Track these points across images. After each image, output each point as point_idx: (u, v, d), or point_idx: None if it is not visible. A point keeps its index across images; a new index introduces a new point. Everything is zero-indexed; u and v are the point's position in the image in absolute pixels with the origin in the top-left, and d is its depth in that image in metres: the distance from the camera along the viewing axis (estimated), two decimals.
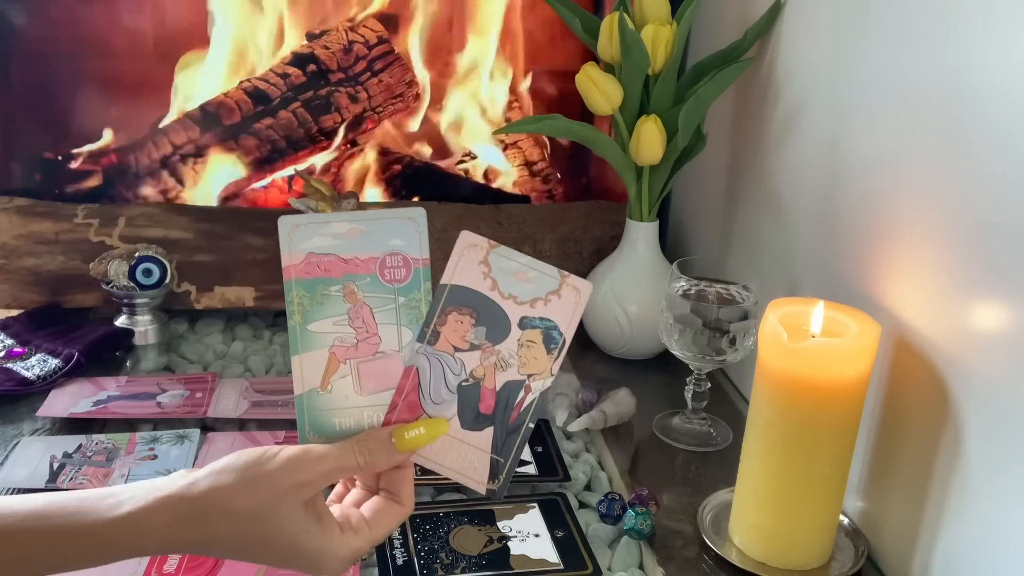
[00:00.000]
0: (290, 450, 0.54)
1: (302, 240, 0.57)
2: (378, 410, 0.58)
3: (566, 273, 0.58)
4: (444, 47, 1.19)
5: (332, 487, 0.61)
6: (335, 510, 0.56)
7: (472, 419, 0.58)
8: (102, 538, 0.50)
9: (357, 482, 0.60)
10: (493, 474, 0.58)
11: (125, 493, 0.52)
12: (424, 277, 0.58)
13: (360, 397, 0.58)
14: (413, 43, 1.18)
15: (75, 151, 1.15)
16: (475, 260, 0.58)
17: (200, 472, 0.53)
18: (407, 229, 0.58)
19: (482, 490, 0.59)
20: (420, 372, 0.58)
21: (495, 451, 0.58)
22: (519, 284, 0.58)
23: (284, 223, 0.57)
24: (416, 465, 0.59)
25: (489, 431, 0.58)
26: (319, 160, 1.20)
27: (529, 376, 0.58)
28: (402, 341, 0.58)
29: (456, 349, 0.58)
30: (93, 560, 0.51)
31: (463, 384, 0.58)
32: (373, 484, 0.59)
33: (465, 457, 0.58)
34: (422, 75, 1.19)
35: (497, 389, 0.58)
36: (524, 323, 0.58)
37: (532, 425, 0.58)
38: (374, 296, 0.58)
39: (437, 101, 1.20)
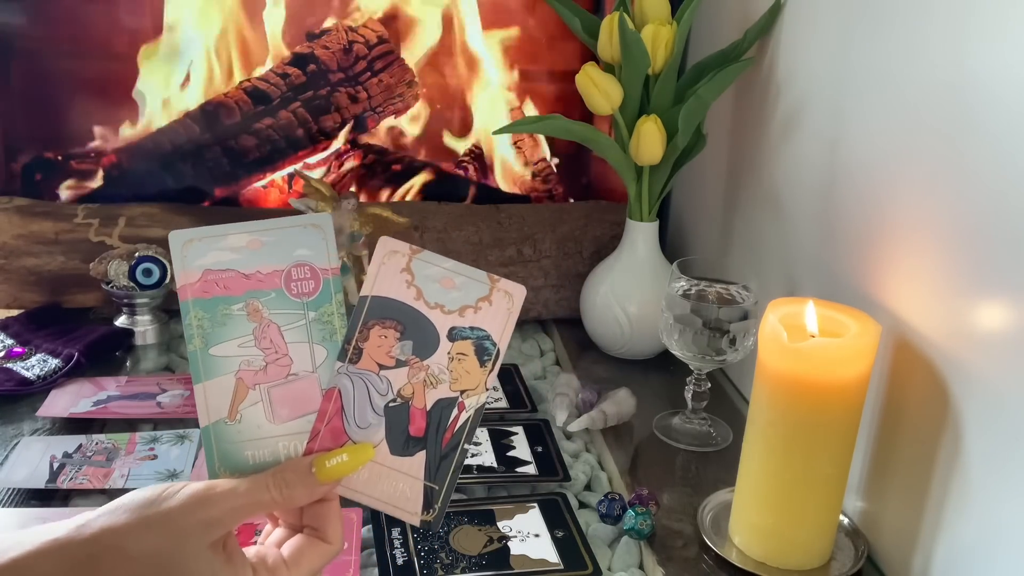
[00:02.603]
0: (194, 486, 0.49)
1: (197, 256, 0.52)
2: (295, 439, 0.53)
3: (496, 277, 0.54)
4: (445, 47, 1.19)
5: (260, 527, 0.57)
6: (250, 551, 0.51)
7: (402, 443, 0.53)
8: None
9: (280, 520, 0.55)
10: (427, 503, 0.54)
11: (13, 539, 0.47)
12: (335, 288, 0.54)
13: (273, 426, 0.53)
14: (413, 43, 1.18)
15: (75, 151, 1.15)
16: (397, 268, 0.53)
17: (94, 512, 0.48)
18: (313, 237, 0.53)
19: (416, 522, 0.54)
20: (343, 394, 0.53)
21: (428, 478, 0.54)
22: (446, 292, 0.53)
23: (175, 239, 0.52)
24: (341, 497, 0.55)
25: (421, 456, 0.53)
26: (319, 160, 1.20)
27: (462, 392, 0.54)
28: (316, 360, 0.53)
29: (381, 367, 0.53)
30: None
31: (390, 405, 0.53)
32: (297, 521, 0.54)
33: (395, 486, 0.53)
34: (422, 75, 1.19)
35: (428, 409, 0.54)
36: (454, 334, 0.53)
37: (468, 447, 0.54)
38: (281, 313, 0.53)
39: (437, 101, 1.20)
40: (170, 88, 1.15)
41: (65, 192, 1.15)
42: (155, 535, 0.47)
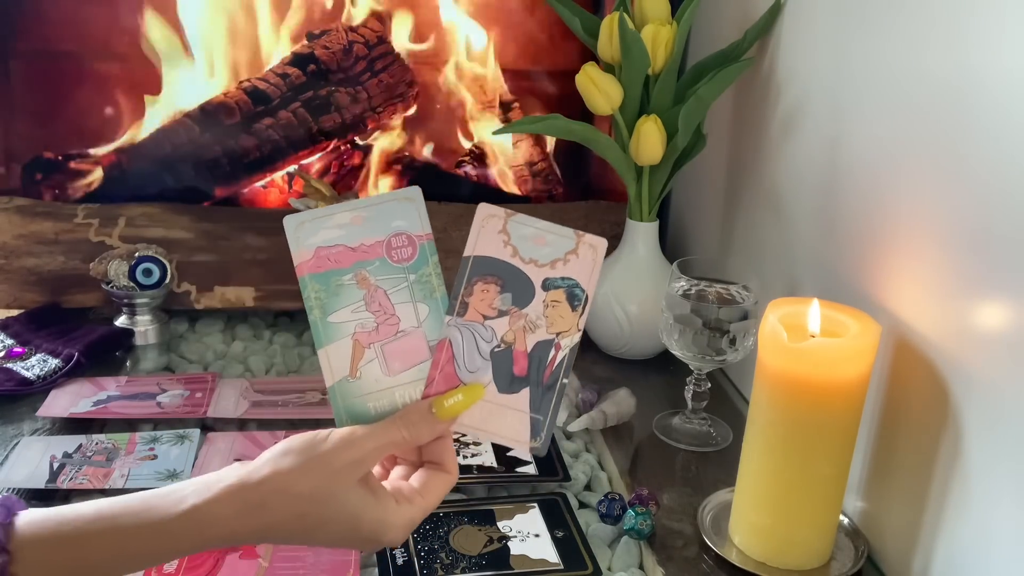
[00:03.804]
0: (340, 432, 0.55)
1: (309, 236, 0.58)
2: (408, 387, 0.59)
3: (581, 232, 0.60)
4: (444, 46, 1.19)
5: None
6: (387, 483, 0.58)
7: (508, 383, 0.60)
8: (168, 534, 0.52)
9: (399, 459, 0.61)
10: (534, 432, 0.60)
11: (188, 488, 0.53)
12: (430, 252, 0.59)
13: (389, 378, 0.59)
14: (413, 43, 1.18)
15: (75, 151, 1.15)
16: (494, 230, 0.60)
17: (257, 461, 0.54)
18: (406, 209, 0.59)
19: (526, 449, 0.60)
20: (453, 344, 0.59)
21: (534, 410, 0.60)
22: (538, 248, 0.60)
23: (290, 222, 0.58)
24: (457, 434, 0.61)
25: (525, 392, 0.60)
26: (319, 160, 1.20)
27: (558, 334, 0.60)
28: (420, 317, 0.59)
29: (485, 317, 0.59)
30: (160, 557, 0.54)
31: (495, 350, 0.59)
32: (416, 459, 0.61)
33: (505, 419, 0.60)
34: (422, 75, 1.19)
35: (529, 351, 0.60)
36: (547, 284, 0.60)
37: (566, 381, 0.60)
38: (386, 278, 0.59)
39: (437, 101, 1.20)
40: (171, 88, 1.15)
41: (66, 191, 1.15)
42: (316, 475, 0.53)
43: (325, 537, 0.55)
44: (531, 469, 0.85)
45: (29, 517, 0.51)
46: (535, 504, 0.80)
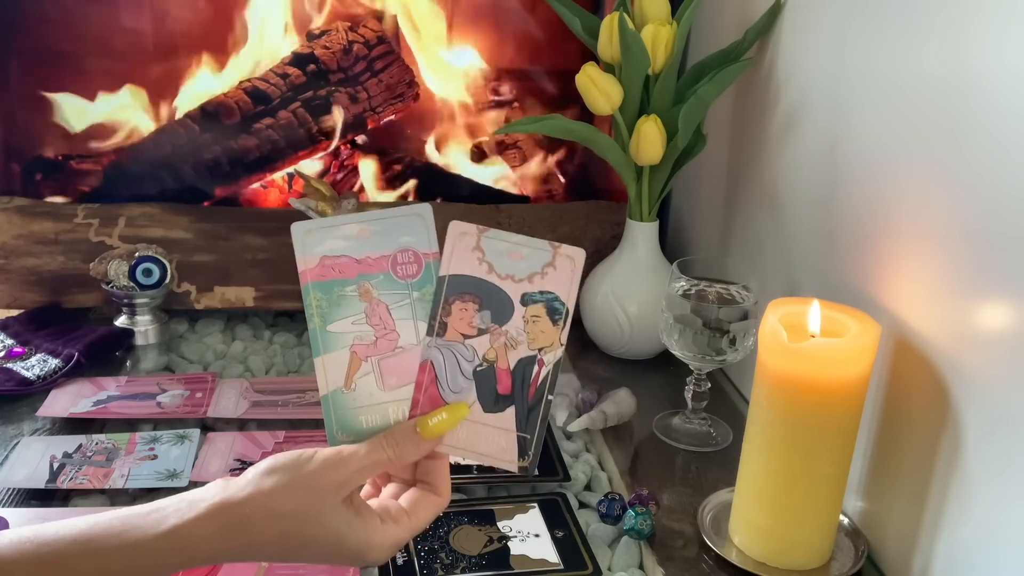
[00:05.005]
0: (325, 452, 0.55)
1: (315, 244, 0.58)
2: (402, 404, 0.59)
3: (557, 244, 0.59)
4: (444, 47, 1.19)
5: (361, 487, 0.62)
6: (373, 503, 0.58)
7: (492, 402, 0.59)
8: (150, 554, 0.51)
9: (392, 476, 0.61)
10: (522, 451, 0.59)
11: (169, 507, 0.53)
12: (436, 270, 0.59)
13: (384, 393, 0.59)
14: (412, 42, 1.18)
15: (75, 151, 1.15)
16: (468, 247, 0.59)
17: (240, 479, 0.54)
18: (415, 226, 0.59)
19: (514, 468, 0.59)
20: (435, 365, 0.59)
21: (520, 429, 0.59)
22: (514, 263, 0.59)
23: (298, 229, 0.58)
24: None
25: (511, 411, 0.59)
26: (319, 160, 1.20)
27: (540, 350, 0.59)
28: (419, 335, 0.59)
29: (465, 336, 0.59)
30: None
31: (478, 369, 0.59)
32: (410, 477, 0.60)
33: (493, 440, 0.59)
34: (421, 75, 1.19)
35: (511, 368, 0.59)
36: (526, 299, 0.59)
37: (552, 398, 0.59)
38: (389, 293, 0.59)
39: (437, 101, 1.20)
40: (171, 87, 1.15)
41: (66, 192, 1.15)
42: (299, 495, 0.53)
43: (309, 555, 0.55)
44: None
45: (8, 539, 0.50)
46: (535, 504, 0.80)
